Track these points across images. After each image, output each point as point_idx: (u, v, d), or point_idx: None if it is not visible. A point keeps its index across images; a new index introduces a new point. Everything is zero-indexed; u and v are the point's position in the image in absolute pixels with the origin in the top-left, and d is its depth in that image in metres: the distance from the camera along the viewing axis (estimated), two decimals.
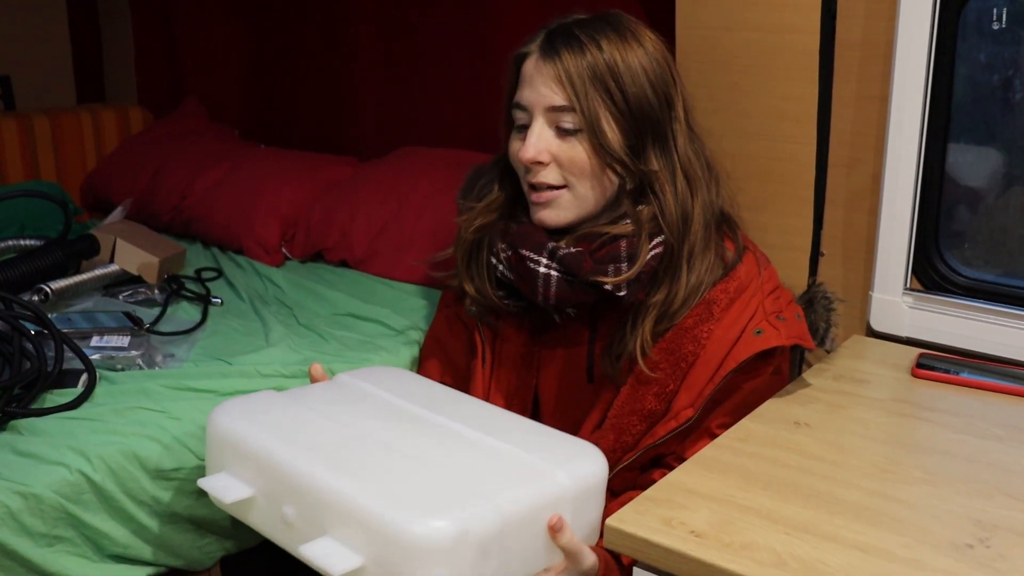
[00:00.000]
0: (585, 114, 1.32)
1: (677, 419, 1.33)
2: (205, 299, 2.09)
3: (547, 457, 1.17)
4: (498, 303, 1.44)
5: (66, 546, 1.33)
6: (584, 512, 1.17)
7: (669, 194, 1.35)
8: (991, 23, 1.55)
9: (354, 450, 1.17)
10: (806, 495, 1.11)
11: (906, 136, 1.56)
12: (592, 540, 1.19)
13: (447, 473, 1.12)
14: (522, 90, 1.38)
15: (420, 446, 1.18)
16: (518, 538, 1.09)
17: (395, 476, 1.11)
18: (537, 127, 1.35)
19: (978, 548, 1.01)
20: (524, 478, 1.13)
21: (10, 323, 1.56)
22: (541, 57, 1.35)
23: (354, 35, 2.74)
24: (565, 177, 1.36)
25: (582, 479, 1.16)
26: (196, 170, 2.66)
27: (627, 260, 1.33)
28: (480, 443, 1.20)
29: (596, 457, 1.20)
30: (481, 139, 2.45)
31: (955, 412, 1.37)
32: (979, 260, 1.65)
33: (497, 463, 1.16)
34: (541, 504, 1.11)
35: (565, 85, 1.32)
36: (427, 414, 1.28)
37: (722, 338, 1.33)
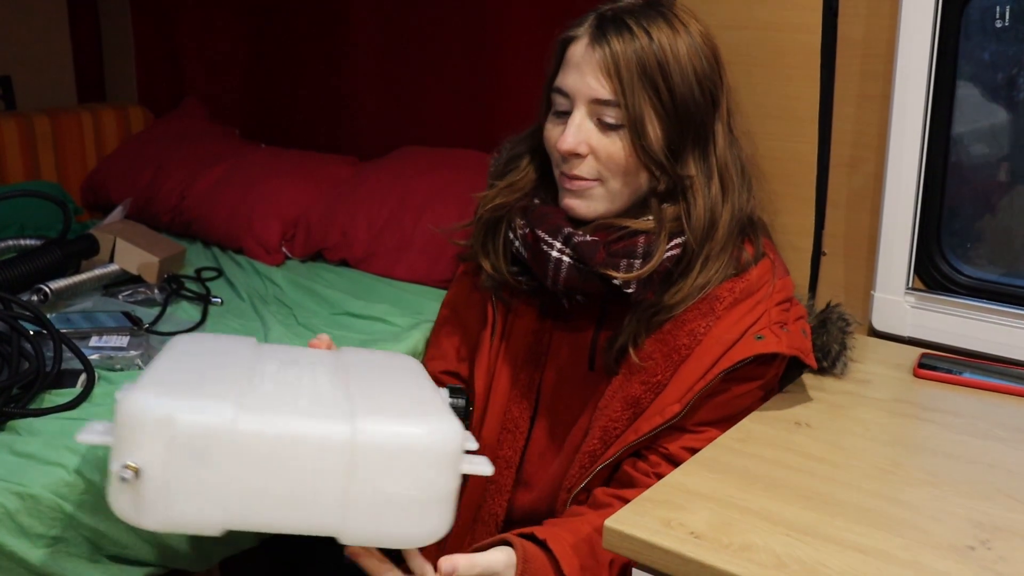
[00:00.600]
0: (630, 111, 1.28)
1: (663, 415, 1.30)
2: (205, 299, 2.09)
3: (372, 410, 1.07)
4: (511, 279, 1.42)
5: (64, 546, 1.33)
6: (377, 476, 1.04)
7: (700, 199, 1.32)
8: (994, 21, 1.54)
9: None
10: (806, 496, 1.11)
11: (908, 135, 1.56)
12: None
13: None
14: (566, 75, 1.33)
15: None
16: (266, 468, 0.98)
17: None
18: (578, 117, 1.31)
19: (979, 550, 1.00)
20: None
21: (9, 323, 1.55)
22: (590, 44, 1.30)
23: (354, 34, 2.74)
24: (600, 171, 1.33)
25: (374, 438, 1.02)
26: (196, 169, 2.66)
27: (642, 257, 1.30)
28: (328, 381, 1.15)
29: (422, 424, 1.06)
30: (481, 138, 2.44)
31: (957, 413, 1.37)
32: (982, 260, 1.64)
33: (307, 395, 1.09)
34: (296, 442, 1.00)
35: (612, 78, 1.28)
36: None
37: (720, 337, 1.30)
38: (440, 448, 1.01)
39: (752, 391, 1.35)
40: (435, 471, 1.01)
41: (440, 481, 1.02)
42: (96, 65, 3.38)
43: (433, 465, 1.01)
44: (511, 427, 1.44)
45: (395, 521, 1.01)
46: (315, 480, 0.98)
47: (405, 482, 1.00)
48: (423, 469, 1.01)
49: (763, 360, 1.31)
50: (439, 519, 1.03)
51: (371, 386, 1.14)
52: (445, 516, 1.03)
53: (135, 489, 0.95)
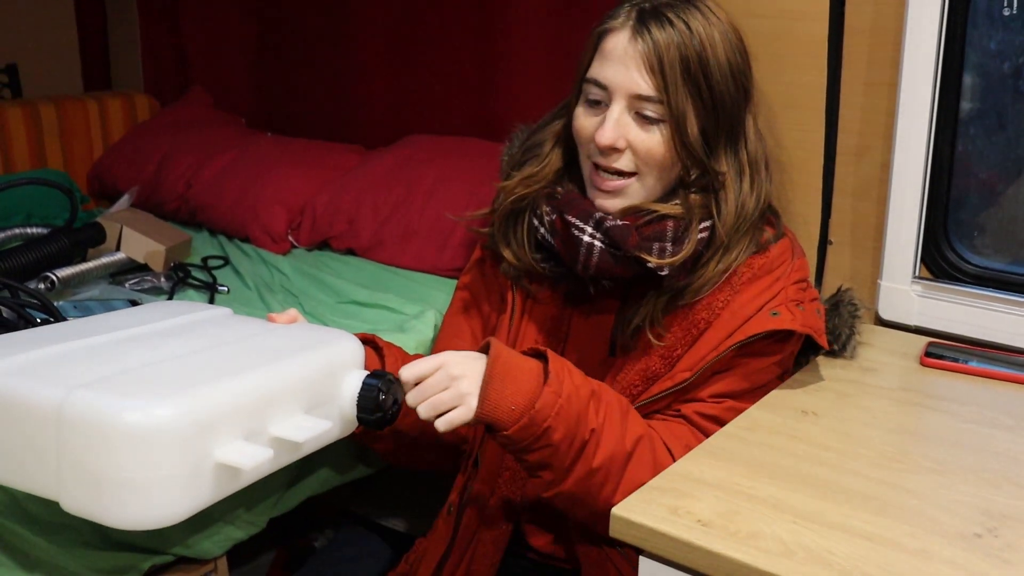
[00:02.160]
0: (672, 107, 1.28)
1: (673, 379, 1.32)
2: (211, 287, 2.09)
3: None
4: (535, 267, 1.41)
5: (71, 534, 1.34)
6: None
7: (731, 194, 1.33)
8: (1002, 9, 1.54)
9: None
10: (813, 484, 1.11)
11: (915, 123, 1.55)
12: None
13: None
14: (604, 67, 1.31)
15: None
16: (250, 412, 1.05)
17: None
18: (616, 111, 1.30)
19: (986, 538, 1.00)
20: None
21: (16, 311, 1.56)
22: (632, 37, 1.29)
23: (360, 23, 2.74)
24: (637, 165, 1.32)
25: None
26: (202, 158, 2.66)
27: (672, 241, 1.30)
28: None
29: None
30: (486, 126, 2.44)
31: (963, 401, 1.37)
32: (988, 248, 1.64)
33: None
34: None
35: (656, 74, 1.27)
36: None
37: (737, 311, 1.31)
38: (145, 429, 0.95)
39: (769, 367, 1.35)
40: (135, 452, 0.95)
41: (148, 463, 0.96)
42: (102, 54, 3.38)
43: (137, 446, 0.95)
44: None
45: (105, 497, 0.98)
46: (32, 444, 1.00)
47: (104, 459, 0.96)
48: (119, 448, 0.95)
49: (779, 337, 1.32)
50: (163, 502, 0.98)
51: (199, 363, 1.11)
52: (171, 501, 0.99)
53: None
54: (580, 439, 1.20)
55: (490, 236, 1.48)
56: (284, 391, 1.11)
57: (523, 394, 1.17)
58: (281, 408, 1.10)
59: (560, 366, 1.21)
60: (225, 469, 1.02)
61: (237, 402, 1.04)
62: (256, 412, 1.07)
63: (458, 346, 1.54)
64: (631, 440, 1.23)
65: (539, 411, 1.16)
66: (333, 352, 1.21)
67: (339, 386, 1.19)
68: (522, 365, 1.20)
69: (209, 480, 1.01)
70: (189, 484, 0.99)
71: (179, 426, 0.97)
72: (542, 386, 1.18)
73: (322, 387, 1.17)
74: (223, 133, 2.86)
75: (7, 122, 2.81)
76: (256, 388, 1.07)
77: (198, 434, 0.99)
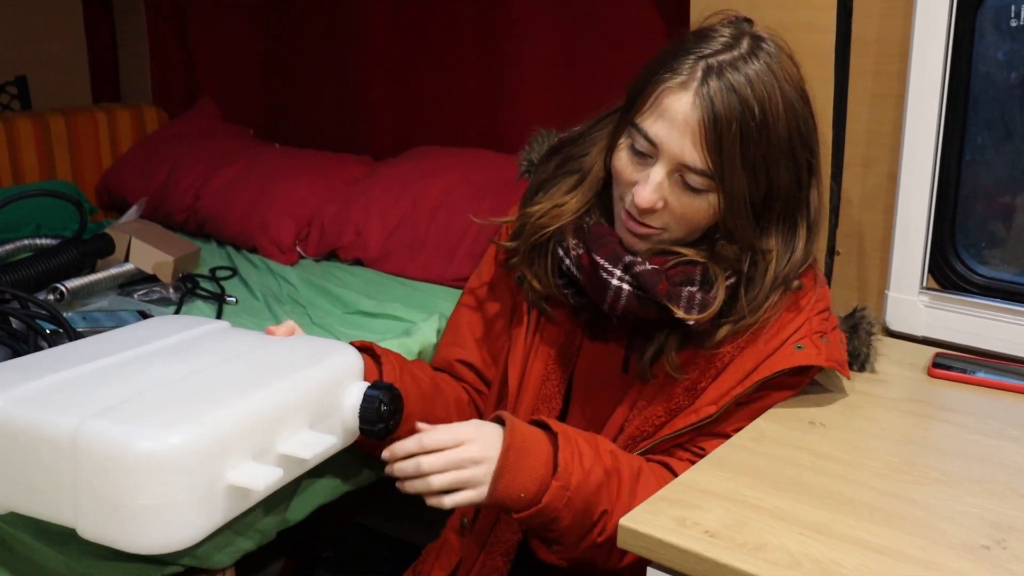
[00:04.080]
0: (726, 184, 1.22)
1: (698, 414, 1.30)
2: (219, 298, 2.09)
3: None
4: (557, 293, 1.39)
5: (80, 545, 1.33)
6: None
7: (772, 266, 1.29)
8: (1009, 20, 1.54)
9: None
10: (820, 495, 1.11)
11: (922, 134, 1.55)
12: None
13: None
14: (657, 124, 1.23)
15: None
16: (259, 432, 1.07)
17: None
18: (660, 175, 1.23)
19: (994, 550, 1.00)
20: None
21: (26, 322, 1.56)
22: (693, 102, 1.20)
23: (368, 35, 2.75)
24: (668, 223, 1.28)
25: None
26: (211, 169, 2.67)
27: (700, 286, 1.28)
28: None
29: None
30: (494, 138, 2.45)
31: (971, 412, 1.36)
32: (996, 259, 1.64)
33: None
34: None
35: (712, 150, 1.20)
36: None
37: (763, 346, 1.30)
38: (159, 457, 0.96)
39: (786, 398, 1.35)
40: (149, 480, 0.96)
41: (162, 490, 0.97)
42: (111, 65, 3.39)
43: (152, 473, 0.96)
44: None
45: (122, 524, 0.99)
46: (48, 472, 1.01)
47: (120, 487, 0.97)
48: (134, 477, 0.96)
49: (801, 369, 1.31)
50: (177, 527, 1.00)
51: (204, 383, 1.12)
52: (185, 524, 1.00)
53: None
54: (589, 521, 1.22)
55: (512, 256, 1.45)
56: (289, 408, 1.12)
57: (534, 482, 1.20)
58: (287, 425, 1.11)
59: (571, 454, 1.21)
60: (236, 490, 1.04)
61: (245, 423, 1.05)
62: (263, 431, 1.08)
63: (459, 353, 1.54)
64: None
65: (546, 505, 1.19)
66: (334, 365, 1.22)
67: (340, 398, 1.21)
68: (534, 451, 1.21)
69: (222, 502, 1.03)
70: (203, 507, 1.01)
71: (192, 452, 0.98)
72: (551, 477, 1.20)
73: (324, 401, 1.18)
74: (231, 144, 2.87)
75: (17, 134, 2.82)
76: (263, 408, 1.09)
77: (210, 458, 1.00)
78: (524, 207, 1.43)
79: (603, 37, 2.21)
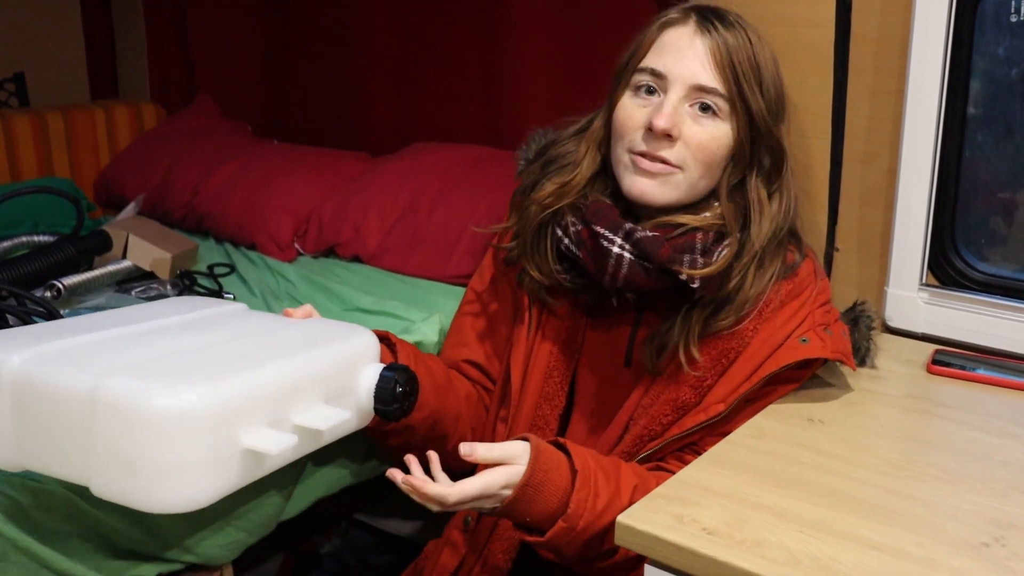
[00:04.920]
0: (735, 103, 1.28)
1: (707, 412, 1.31)
2: (218, 295, 2.09)
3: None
4: (556, 278, 1.39)
5: (77, 542, 1.33)
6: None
7: (776, 202, 1.33)
8: (1009, 16, 1.54)
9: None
10: (820, 493, 1.10)
11: (922, 131, 1.55)
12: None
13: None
14: (662, 57, 1.30)
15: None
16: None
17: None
18: (675, 99, 1.28)
19: (993, 547, 1.00)
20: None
21: (22, 319, 1.56)
22: (698, 32, 1.29)
23: (367, 31, 2.74)
24: (685, 159, 1.29)
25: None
26: (209, 166, 2.66)
27: (701, 253, 1.29)
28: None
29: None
30: (493, 134, 2.44)
31: (971, 409, 1.36)
32: (996, 255, 1.63)
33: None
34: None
35: (725, 69, 1.27)
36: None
37: (767, 339, 1.30)
38: (175, 414, 0.97)
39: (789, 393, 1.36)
40: (167, 435, 0.98)
41: (179, 446, 0.98)
42: (109, 62, 3.39)
43: (168, 430, 0.97)
44: (541, 424, 1.43)
45: (136, 480, 1.00)
46: (64, 429, 1.02)
47: (136, 442, 0.98)
48: (151, 431, 0.97)
49: (806, 362, 1.32)
50: (192, 486, 1.01)
51: (223, 352, 1.14)
52: (200, 484, 1.01)
53: None
54: (593, 554, 1.24)
55: (512, 251, 1.46)
56: (306, 381, 1.13)
57: (543, 516, 1.21)
58: (303, 398, 1.13)
59: (584, 496, 1.20)
60: (250, 455, 1.05)
61: (262, 390, 1.07)
62: (280, 401, 1.09)
63: (464, 353, 1.54)
64: None
65: (549, 540, 1.21)
66: (351, 345, 1.23)
67: (357, 378, 1.22)
68: (550, 487, 1.21)
69: (236, 465, 1.04)
70: (216, 468, 1.01)
71: (208, 412, 0.99)
72: (560, 516, 1.20)
73: (341, 379, 1.20)
74: (230, 141, 2.87)
75: (14, 131, 2.82)
76: (280, 377, 1.10)
77: (226, 420, 1.01)
78: (513, 209, 1.44)
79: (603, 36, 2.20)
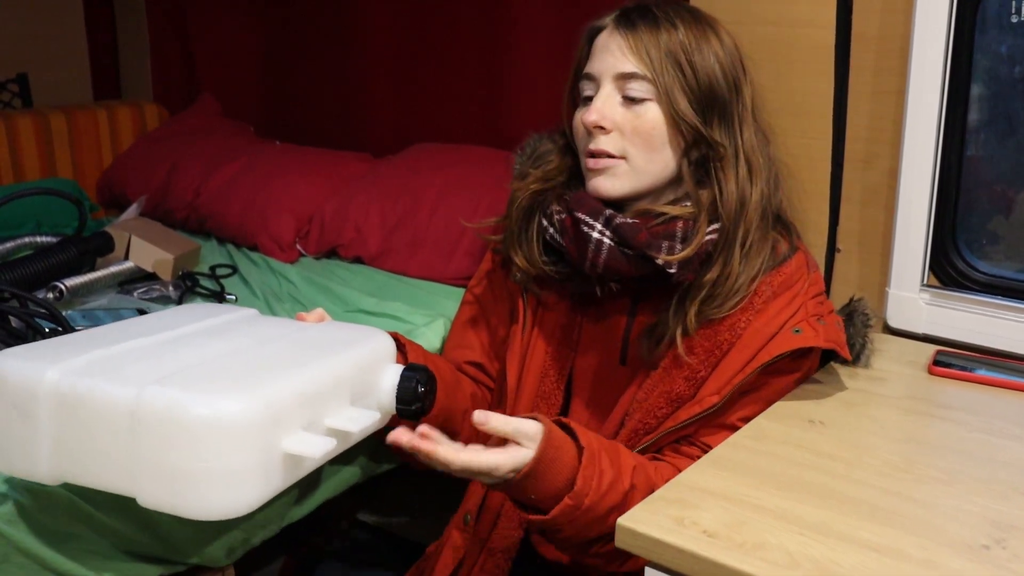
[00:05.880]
0: (657, 83, 1.31)
1: (701, 404, 1.31)
2: (219, 296, 2.09)
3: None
4: (543, 268, 1.42)
5: (79, 543, 1.33)
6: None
7: (731, 176, 1.33)
8: (1010, 16, 1.53)
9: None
10: (820, 494, 1.10)
11: (923, 131, 1.55)
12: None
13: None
14: (592, 61, 1.37)
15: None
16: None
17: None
18: (604, 93, 1.34)
19: (994, 549, 1.00)
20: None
21: (24, 320, 1.56)
22: (616, 29, 1.35)
23: (368, 31, 2.74)
24: (625, 148, 1.34)
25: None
26: (211, 166, 2.66)
27: (682, 240, 1.31)
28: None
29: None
30: (494, 135, 2.44)
31: (972, 410, 1.36)
32: (997, 256, 1.63)
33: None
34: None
35: (640, 53, 1.31)
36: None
37: (760, 330, 1.31)
38: (216, 420, 0.98)
39: (789, 384, 1.36)
40: (213, 443, 0.98)
41: (225, 453, 0.99)
42: (112, 63, 3.39)
43: (216, 437, 0.98)
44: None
45: (183, 489, 1.00)
46: (108, 441, 1.02)
47: (183, 451, 0.99)
48: (198, 440, 0.98)
49: (800, 353, 1.32)
50: (238, 492, 1.01)
51: (253, 358, 1.14)
52: (245, 490, 1.01)
53: None
54: (594, 535, 1.23)
55: (502, 241, 1.49)
56: (335, 384, 1.14)
57: (549, 494, 1.20)
58: (332, 400, 1.13)
59: (591, 474, 1.20)
60: (290, 459, 1.05)
61: (300, 394, 1.07)
62: (314, 404, 1.10)
63: (467, 355, 1.54)
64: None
65: (554, 518, 1.20)
66: (371, 347, 1.24)
67: (378, 379, 1.23)
68: (558, 465, 1.19)
69: (278, 470, 1.04)
70: (260, 474, 1.02)
71: (251, 418, 1.00)
72: (566, 493, 1.19)
73: (363, 380, 1.20)
74: (232, 142, 2.87)
75: (17, 131, 2.82)
76: (314, 381, 1.11)
77: (268, 426, 1.02)
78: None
79: None
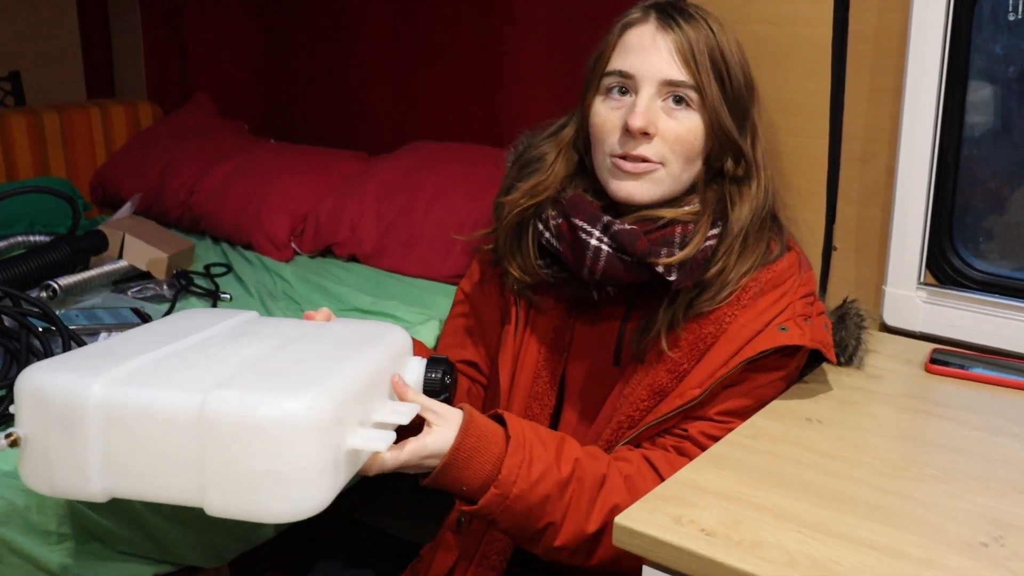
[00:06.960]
0: (704, 93, 1.30)
1: (682, 397, 1.30)
2: (214, 295, 2.09)
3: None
4: (539, 275, 1.41)
5: (74, 544, 1.33)
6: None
7: (754, 184, 1.34)
8: (1007, 14, 1.53)
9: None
10: (818, 493, 1.10)
11: (920, 129, 1.55)
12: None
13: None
14: (628, 58, 1.32)
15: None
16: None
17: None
18: (646, 97, 1.30)
19: (992, 547, 0.99)
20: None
21: (17, 319, 1.55)
22: (660, 28, 1.31)
23: (364, 30, 2.74)
24: (664, 154, 1.31)
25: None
26: (205, 165, 2.66)
27: (680, 246, 1.30)
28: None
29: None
30: (490, 133, 2.44)
31: (969, 408, 1.36)
32: (994, 254, 1.63)
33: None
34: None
35: (688, 61, 1.29)
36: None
37: (745, 326, 1.30)
38: (291, 421, 0.97)
39: (774, 382, 1.35)
40: (288, 444, 0.97)
41: (298, 454, 0.98)
42: (105, 61, 3.39)
43: (291, 438, 0.97)
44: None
45: (256, 493, 0.99)
46: (170, 450, 0.99)
47: (256, 454, 0.97)
48: (273, 442, 0.97)
49: (786, 352, 1.31)
50: (310, 492, 1.00)
51: (293, 358, 1.12)
52: (317, 490, 1.00)
53: (27, 456, 1.01)
54: (532, 529, 1.22)
55: (493, 253, 1.48)
56: (378, 378, 1.15)
57: (476, 483, 1.19)
58: (376, 395, 1.14)
59: (518, 462, 1.20)
60: (352, 454, 1.05)
61: (357, 389, 1.07)
62: (365, 400, 1.10)
63: (459, 355, 1.54)
64: (601, 516, 1.23)
65: (482, 508, 1.20)
66: (395, 341, 1.25)
67: (403, 373, 1.23)
68: (483, 453, 1.19)
69: (343, 466, 1.04)
70: (328, 471, 1.01)
71: (323, 415, 0.99)
72: (491, 482, 1.19)
73: (393, 373, 1.21)
74: (226, 140, 2.87)
75: (10, 130, 2.82)
76: (365, 376, 1.11)
77: (336, 422, 1.01)
78: (496, 213, 1.46)
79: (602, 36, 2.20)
